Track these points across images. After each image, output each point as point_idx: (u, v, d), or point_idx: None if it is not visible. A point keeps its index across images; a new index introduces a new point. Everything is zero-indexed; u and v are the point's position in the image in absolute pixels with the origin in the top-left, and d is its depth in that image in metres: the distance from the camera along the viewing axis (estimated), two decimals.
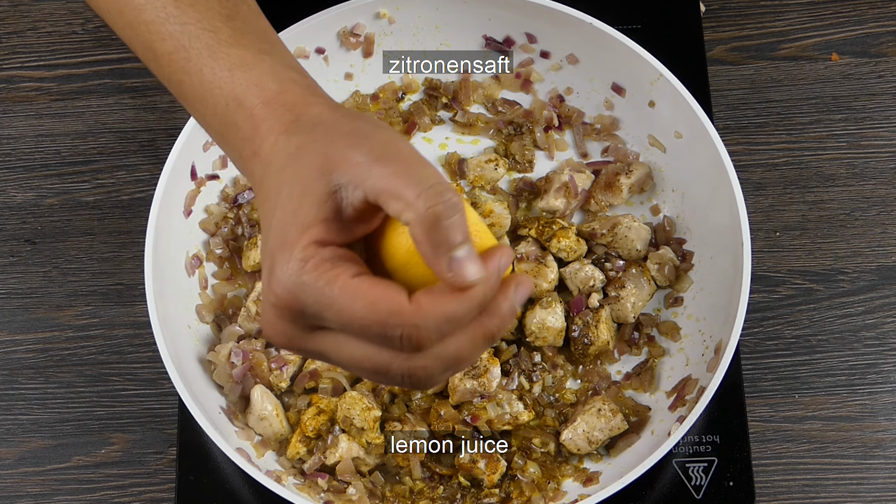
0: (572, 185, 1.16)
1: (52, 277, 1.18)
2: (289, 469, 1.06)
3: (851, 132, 1.23)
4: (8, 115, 1.25)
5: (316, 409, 1.07)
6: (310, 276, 0.72)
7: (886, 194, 1.21)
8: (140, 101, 1.25)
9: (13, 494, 1.11)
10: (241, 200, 1.16)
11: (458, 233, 0.71)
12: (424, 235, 0.71)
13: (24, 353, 1.16)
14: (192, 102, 0.84)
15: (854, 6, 1.28)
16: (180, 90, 0.85)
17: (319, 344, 0.75)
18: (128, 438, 1.13)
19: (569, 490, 1.06)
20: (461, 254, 0.71)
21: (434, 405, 1.08)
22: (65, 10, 1.29)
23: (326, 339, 0.74)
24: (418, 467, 1.06)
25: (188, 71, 0.83)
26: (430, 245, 0.71)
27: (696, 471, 1.08)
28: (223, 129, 0.82)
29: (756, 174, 1.22)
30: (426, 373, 0.74)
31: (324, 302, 0.72)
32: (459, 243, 0.71)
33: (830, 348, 1.15)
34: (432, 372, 0.74)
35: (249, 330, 1.11)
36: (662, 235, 1.16)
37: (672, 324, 1.12)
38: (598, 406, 1.07)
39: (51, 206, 1.21)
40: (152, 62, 0.87)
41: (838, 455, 1.12)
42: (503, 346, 1.11)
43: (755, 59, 1.26)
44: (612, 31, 1.14)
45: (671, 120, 1.14)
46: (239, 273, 1.15)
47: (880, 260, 1.18)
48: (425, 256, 0.71)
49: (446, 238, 0.70)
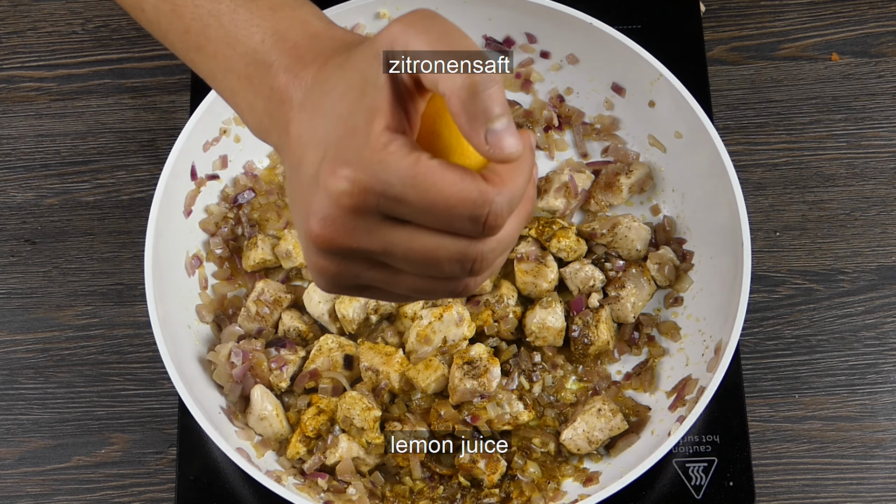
0: (572, 185, 1.16)
1: (52, 277, 1.18)
2: (289, 469, 1.06)
3: (851, 132, 1.23)
4: (8, 115, 1.25)
5: (316, 409, 1.07)
6: (395, 157, 0.68)
7: (886, 194, 1.21)
8: (140, 101, 1.25)
9: (13, 494, 1.11)
10: (241, 200, 1.16)
11: (497, 104, 0.68)
12: (461, 107, 0.68)
13: (24, 353, 1.16)
14: (214, 48, 0.81)
15: (854, 6, 1.28)
16: (203, 35, 0.82)
17: (388, 236, 0.70)
18: (128, 438, 1.13)
19: (569, 490, 1.06)
20: (500, 126, 0.68)
21: (434, 405, 1.08)
22: (65, 10, 1.29)
23: (395, 231, 0.70)
24: (418, 467, 1.06)
25: (218, 13, 0.81)
26: (467, 117, 0.68)
27: (696, 471, 1.08)
28: (251, 70, 0.79)
29: (756, 174, 1.22)
30: (493, 255, 0.72)
31: (409, 182, 0.68)
32: (498, 115, 0.68)
33: (830, 348, 1.15)
34: (497, 255, 0.72)
35: (249, 330, 1.11)
36: (662, 235, 1.16)
37: (672, 324, 1.12)
38: (598, 406, 1.07)
39: (51, 206, 1.21)
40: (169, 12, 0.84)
41: (838, 455, 1.12)
42: (503, 346, 1.11)
43: (755, 59, 1.26)
44: (612, 31, 1.14)
45: (671, 120, 1.14)
46: (239, 273, 1.15)
47: (880, 260, 1.18)
48: (462, 129, 0.68)
49: (484, 110, 0.67)
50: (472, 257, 0.71)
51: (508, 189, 0.69)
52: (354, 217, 0.70)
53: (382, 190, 0.69)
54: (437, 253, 0.71)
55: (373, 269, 0.73)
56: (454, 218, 0.69)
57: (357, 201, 0.69)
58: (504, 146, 0.68)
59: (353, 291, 0.76)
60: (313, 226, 0.71)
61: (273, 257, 1.14)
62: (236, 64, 0.80)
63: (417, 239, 0.70)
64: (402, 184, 0.68)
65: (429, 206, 0.69)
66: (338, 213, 0.70)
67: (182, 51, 0.85)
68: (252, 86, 0.79)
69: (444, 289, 0.74)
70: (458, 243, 0.70)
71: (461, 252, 0.71)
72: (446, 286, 0.74)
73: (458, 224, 0.69)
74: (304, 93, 0.75)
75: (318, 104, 0.73)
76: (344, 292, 0.76)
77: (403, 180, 0.68)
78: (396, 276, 0.73)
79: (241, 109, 0.81)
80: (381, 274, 0.73)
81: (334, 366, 1.09)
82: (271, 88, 0.77)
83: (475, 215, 0.69)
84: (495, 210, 0.69)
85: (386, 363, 1.08)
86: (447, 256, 0.71)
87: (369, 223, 0.70)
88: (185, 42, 0.84)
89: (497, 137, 0.68)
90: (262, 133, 0.79)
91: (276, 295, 1.11)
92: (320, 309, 1.11)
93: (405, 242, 0.71)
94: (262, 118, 0.78)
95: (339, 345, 1.09)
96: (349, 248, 0.71)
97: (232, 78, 0.81)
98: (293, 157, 0.74)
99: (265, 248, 1.13)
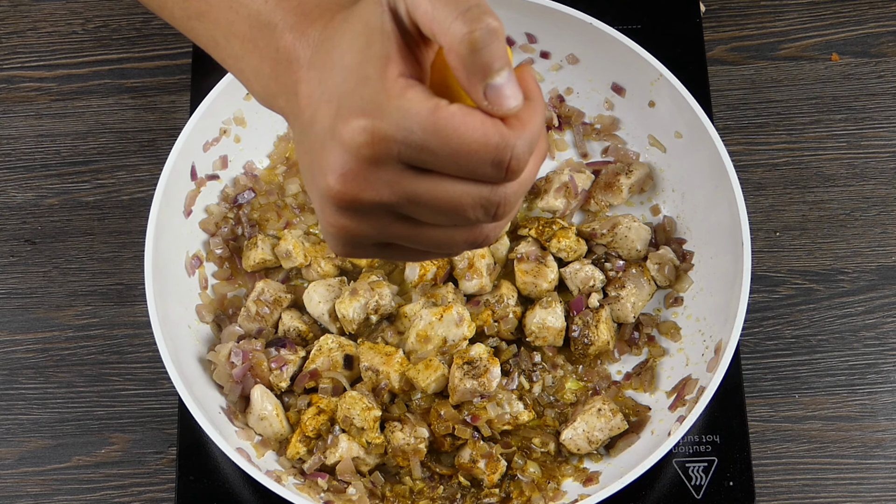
0: (572, 185, 1.16)
1: (52, 277, 1.18)
2: (289, 469, 1.06)
3: (851, 132, 1.23)
4: (8, 115, 1.25)
5: (316, 409, 1.07)
6: (413, 103, 0.67)
7: (886, 194, 1.21)
8: (140, 101, 1.25)
9: (13, 494, 1.11)
10: (241, 200, 1.16)
11: (495, 59, 0.66)
12: (459, 62, 0.66)
13: (24, 353, 1.16)
14: (216, 13, 0.79)
15: (854, 6, 1.28)
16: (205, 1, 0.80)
17: (411, 186, 0.69)
18: (128, 438, 1.13)
19: (569, 490, 1.06)
20: (499, 81, 0.67)
21: (434, 405, 1.08)
22: (65, 10, 1.29)
23: (418, 180, 0.69)
24: (418, 467, 1.06)
25: None
26: (465, 72, 0.67)
27: (696, 471, 1.08)
28: (255, 33, 0.77)
29: (756, 174, 1.22)
30: (516, 198, 0.71)
31: (430, 129, 0.66)
32: (496, 70, 0.66)
33: (830, 348, 1.15)
34: (519, 197, 0.71)
35: (249, 330, 1.11)
36: (662, 235, 1.16)
37: (672, 324, 1.12)
38: (598, 406, 1.07)
39: (51, 206, 1.21)
40: None
41: (838, 455, 1.12)
42: (503, 345, 1.11)
43: (755, 59, 1.26)
44: (612, 31, 1.13)
45: (671, 120, 1.14)
46: (239, 273, 1.15)
47: (880, 260, 1.18)
48: (461, 83, 0.68)
49: (482, 65, 0.66)
50: (496, 202, 0.70)
51: (528, 131, 0.68)
52: (375, 168, 0.68)
53: (403, 138, 0.67)
54: (462, 200, 0.69)
55: (395, 223, 0.71)
56: (477, 164, 0.68)
57: (377, 151, 0.68)
58: (503, 103, 0.67)
59: (372, 251, 0.74)
60: (332, 182, 0.69)
61: (273, 257, 1.14)
62: (240, 28, 0.78)
63: (441, 187, 0.69)
64: (423, 130, 0.67)
65: (452, 153, 0.67)
66: (357, 165, 0.68)
67: (182, 19, 0.83)
68: (257, 49, 0.77)
69: (465, 239, 0.73)
70: (482, 189, 0.69)
71: (485, 198, 0.69)
72: (468, 236, 0.73)
73: (481, 170, 0.68)
74: (311, 51, 0.73)
75: (327, 60, 0.71)
76: (361, 254, 0.74)
77: (424, 127, 0.67)
78: (418, 230, 0.72)
79: (245, 76, 0.79)
80: (402, 228, 0.72)
81: (334, 366, 1.08)
82: (277, 49, 0.75)
83: (498, 160, 0.68)
84: (517, 154, 0.68)
85: (386, 363, 1.08)
86: (471, 203, 0.69)
87: (390, 174, 0.69)
88: (185, 10, 0.82)
89: (496, 93, 0.67)
90: (268, 99, 0.78)
91: (276, 295, 1.11)
92: (320, 309, 1.11)
93: (429, 191, 0.69)
94: (268, 83, 0.76)
95: (339, 345, 1.09)
96: (372, 202, 0.69)
97: (236, 43, 0.79)
98: (304, 118, 0.72)
99: (265, 248, 1.13)
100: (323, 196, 0.70)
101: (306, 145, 0.72)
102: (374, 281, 1.10)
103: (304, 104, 0.72)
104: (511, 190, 0.70)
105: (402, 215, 0.71)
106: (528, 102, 0.69)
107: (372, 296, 1.10)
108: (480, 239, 0.73)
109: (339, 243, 0.73)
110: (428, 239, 0.72)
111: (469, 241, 0.73)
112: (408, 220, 0.71)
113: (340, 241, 0.73)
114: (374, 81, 0.68)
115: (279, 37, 0.75)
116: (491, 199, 0.70)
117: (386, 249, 0.74)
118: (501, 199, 0.70)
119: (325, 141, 0.69)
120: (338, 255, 0.77)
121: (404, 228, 0.72)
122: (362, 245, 0.73)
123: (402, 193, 0.69)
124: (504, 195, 0.70)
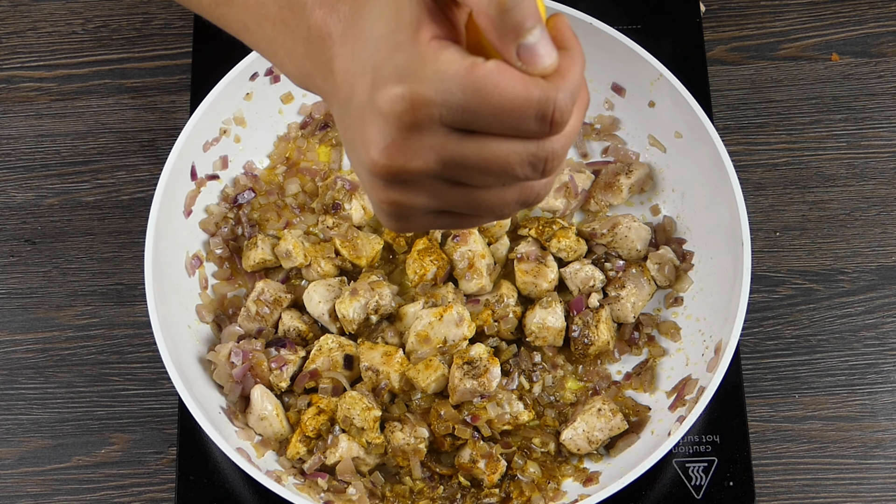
0: (572, 185, 1.16)
1: (52, 277, 1.18)
2: (289, 469, 1.06)
3: (851, 132, 1.23)
4: (8, 115, 1.25)
5: (316, 409, 1.07)
6: (450, 64, 0.65)
7: (886, 194, 1.21)
8: (140, 101, 1.25)
9: (13, 494, 1.11)
10: (241, 200, 1.16)
11: (526, 19, 0.65)
12: (489, 23, 0.65)
13: (24, 353, 1.16)
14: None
15: (854, 6, 1.28)
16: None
17: (457, 148, 0.68)
18: (128, 438, 1.13)
19: (569, 490, 1.06)
20: (531, 40, 0.65)
21: (434, 405, 1.08)
22: (65, 10, 1.29)
23: (463, 142, 0.67)
24: (418, 467, 1.06)
25: None
26: (497, 33, 0.65)
27: (696, 471, 1.08)
28: (285, 14, 0.76)
29: (756, 174, 1.22)
30: (563, 151, 0.69)
31: (469, 88, 0.65)
32: (528, 29, 0.65)
33: (830, 348, 1.15)
34: (565, 151, 0.70)
35: (249, 330, 1.11)
36: (662, 235, 1.16)
37: (672, 324, 1.12)
38: (598, 406, 1.07)
39: (51, 206, 1.21)
40: None
41: (838, 455, 1.12)
42: (503, 345, 1.11)
43: (755, 59, 1.26)
44: (612, 31, 1.13)
45: (671, 120, 1.14)
46: (239, 273, 1.15)
47: (880, 260, 1.18)
48: (493, 45, 0.67)
49: (513, 26, 0.65)
50: (544, 157, 0.69)
51: (568, 83, 0.67)
52: (418, 135, 0.67)
53: (443, 100, 0.66)
54: (509, 158, 0.68)
55: (445, 190, 0.70)
56: (521, 120, 0.66)
57: (418, 117, 0.66)
58: (538, 62, 0.66)
59: (426, 222, 0.73)
60: (375, 156, 0.68)
61: (273, 257, 1.14)
62: (269, 10, 0.77)
63: (487, 147, 0.68)
64: (463, 91, 0.66)
65: (494, 111, 0.66)
66: (399, 134, 0.67)
67: (210, 6, 0.82)
68: (288, 29, 0.76)
69: (516, 199, 0.72)
70: (528, 145, 0.68)
71: (532, 153, 0.68)
72: (519, 195, 0.71)
73: (526, 126, 0.67)
74: (343, 25, 0.72)
75: (358, 32, 0.70)
76: (416, 226, 0.73)
77: (464, 87, 0.66)
78: (469, 194, 0.71)
79: (279, 59, 0.78)
80: (453, 194, 0.70)
81: (334, 366, 1.08)
82: (309, 28, 0.74)
83: (542, 114, 0.66)
84: (560, 106, 0.67)
85: (386, 363, 1.08)
86: (518, 160, 0.68)
87: (434, 139, 0.67)
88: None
89: (530, 52, 0.66)
90: (305, 80, 0.76)
91: (276, 295, 1.11)
92: (320, 309, 1.11)
93: (475, 153, 0.68)
94: (303, 63, 0.75)
95: (339, 345, 1.09)
96: (419, 170, 0.68)
97: (267, 26, 0.78)
98: (342, 95, 0.71)
99: (265, 248, 1.13)
100: (369, 172, 0.69)
101: (347, 122, 0.71)
102: (374, 281, 1.10)
103: (340, 80, 0.71)
104: (558, 144, 0.69)
105: (450, 181, 0.70)
106: (564, 52, 0.68)
107: (372, 296, 1.10)
108: (532, 197, 0.72)
109: (392, 219, 0.72)
110: (479, 202, 0.71)
111: (520, 201, 0.72)
112: (457, 185, 0.70)
113: (394, 217, 0.72)
114: (406, 47, 0.66)
115: (309, 14, 0.74)
116: (538, 154, 0.68)
117: (441, 219, 0.73)
118: (549, 153, 0.69)
119: (365, 115, 0.68)
120: (393, 232, 0.76)
121: (455, 194, 0.70)
122: (416, 217, 0.72)
123: (448, 158, 0.68)
124: (551, 149, 0.69)
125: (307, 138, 1.19)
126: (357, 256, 1.13)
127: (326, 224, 1.14)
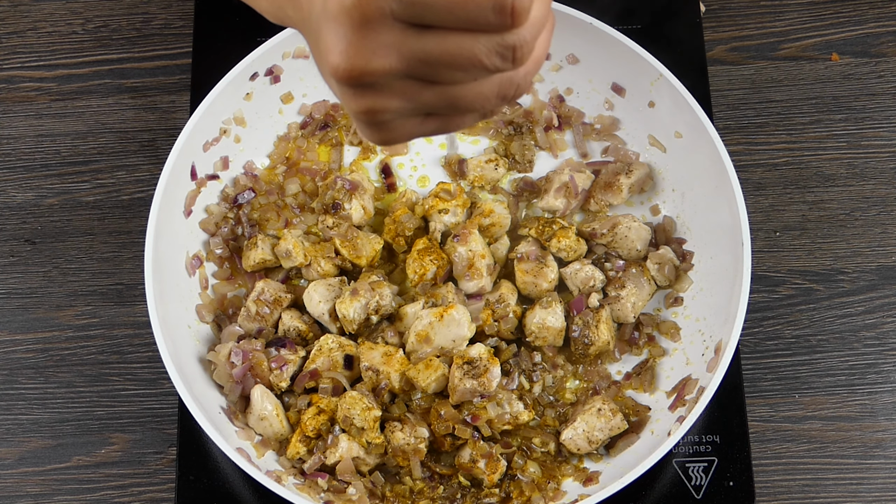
0: (572, 184, 1.16)
1: (52, 277, 1.18)
2: (289, 469, 1.06)
3: (851, 132, 1.23)
4: (8, 115, 1.25)
5: (316, 409, 1.07)
6: None
7: (886, 194, 1.21)
8: (140, 101, 1.25)
9: (13, 494, 1.11)
10: (241, 200, 1.16)
11: None
12: None
13: (24, 353, 1.16)
14: None
15: (854, 6, 1.28)
16: None
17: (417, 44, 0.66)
18: (128, 438, 1.13)
19: (569, 490, 1.06)
20: None
21: (434, 405, 1.08)
22: (65, 10, 1.29)
23: (422, 37, 0.67)
24: (418, 467, 1.06)
25: None
26: None
27: (696, 471, 1.08)
28: None
29: (756, 174, 1.22)
30: (533, 39, 0.68)
31: None
32: None
33: (830, 348, 1.15)
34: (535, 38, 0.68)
35: (249, 330, 1.11)
36: (662, 235, 1.16)
37: (672, 324, 1.12)
38: (598, 406, 1.07)
39: (51, 206, 1.21)
40: None
41: (838, 455, 1.12)
42: (503, 345, 1.11)
43: (755, 59, 1.26)
44: (612, 31, 1.14)
45: (671, 120, 1.14)
46: (239, 273, 1.15)
47: (880, 260, 1.18)
48: None
49: None
50: (511, 45, 0.67)
51: None
52: (374, 33, 0.67)
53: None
54: (473, 49, 0.67)
55: (419, 90, 0.69)
56: (477, 12, 0.66)
57: (367, 12, 0.66)
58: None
59: (411, 128, 0.72)
60: (335, 60, 0.67)
61: (273, 257, 1.14)
62: None
63: (449, 41, 0.67)
64: None
65: (447, 4, 0.65)
66: (354, 34, 0.67)
67: None
68: None
69: (495, 93, 0.70)
70: (492, 37, 0.67)
71: (497, 44, 0.67)
72: (498, 89, 0.70)
73: (483, 18, 0.66)
74: None
75: None
76: (400, 135, 0.72)
77: None
78: (444, 91, 0.70)
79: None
80: (428, 94, 0.69)
81: (334, 366, 1.09)
82: None
83: (499, 5, 0.66)
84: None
85: (386, 363, 1.08)
86: (485, 51, 0.67)
87: (391, 36, 0.67)
88: None
89: None
90: (277, 12, 0.76)
91: (276, 295, 1.11)
92: (320, 309, 1.11)
93: (438, 47, 0.67)
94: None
95: (339, 345, 1.09)
96: (382, 69, 0.68)
97: None
98: (304, 14, 0.71)
99: (265, 248, 1.13)
100: (336, 80, 0.68)
101: (311, 40, 0.70)
102: (374, 281, 1.10)
103: (304, 3, 0.71)
104: (526, 32, 0.68)
105: (420, 80, 0.69)
106: None
107: (372, 296, 1.10)
108: (512, 90, 0.71)
109: (371, 129, 0.72)
110: (457, 99, 0.70)
111: (501, 94, 0.71)
112: (429, 83, 0.69)
113: (373, 126, 0.71)
114: None
115: None
116: (504, 44, 0.67)
117: (424, 124, 0.72)
118: (516, 41, 0.68)
119: (321, 24, 0.68)
120: (377, 144, 0.75)
121: (430, 94, 0.70)
122: (396, 124, 0.71)
123: (409, 54, 0.67)
124: (519, 38, 0.67)
125: (307, 138, 1.19)
126: (357, 256, 1.13)
127: (326, 224, 1.14)
